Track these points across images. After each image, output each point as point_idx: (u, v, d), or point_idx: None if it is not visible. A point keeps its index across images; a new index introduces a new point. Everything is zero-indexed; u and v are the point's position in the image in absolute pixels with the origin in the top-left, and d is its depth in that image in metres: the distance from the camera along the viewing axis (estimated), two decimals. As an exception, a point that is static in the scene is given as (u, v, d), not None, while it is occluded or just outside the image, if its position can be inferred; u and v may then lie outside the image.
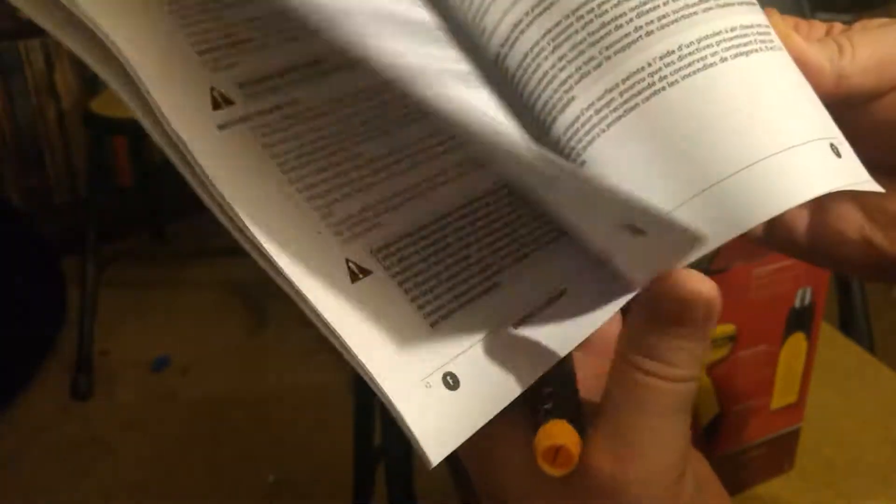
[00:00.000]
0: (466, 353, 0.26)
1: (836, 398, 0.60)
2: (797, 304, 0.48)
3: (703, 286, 0.24)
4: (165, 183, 1.89)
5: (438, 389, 0.25)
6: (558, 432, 0.24)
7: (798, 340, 0.50)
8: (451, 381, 0.25)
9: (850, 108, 0.30)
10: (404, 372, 0.24)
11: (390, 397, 0.24)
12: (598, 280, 0.28)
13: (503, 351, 0.26)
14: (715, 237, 0.25)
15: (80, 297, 1.46)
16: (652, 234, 0.24)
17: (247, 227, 0.24)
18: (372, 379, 0.24)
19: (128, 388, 1.46)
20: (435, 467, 0.26)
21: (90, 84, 1.64)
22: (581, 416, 0.26)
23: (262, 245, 0.24)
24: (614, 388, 0.25)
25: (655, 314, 0.25)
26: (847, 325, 0.83)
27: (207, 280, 1.75)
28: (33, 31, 1.70)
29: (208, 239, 1.80)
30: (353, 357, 0.24)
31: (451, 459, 0.26)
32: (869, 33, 0.30)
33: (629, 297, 0.27)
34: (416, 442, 0.24)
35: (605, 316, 0.28)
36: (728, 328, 0.46)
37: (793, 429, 0.53)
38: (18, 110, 1.71)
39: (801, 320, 0.49)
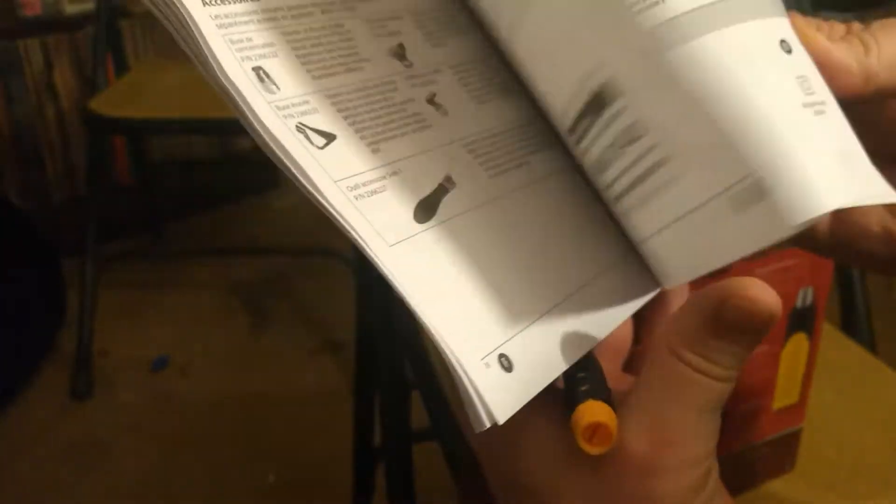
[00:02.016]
0: (520, 335, 0.27)
1: (837, 399, 0.59)
2: (798, 304, 0.48)
3: (769, 297, 0.25)
4: (165, 183, 1.89)
5: (496, 370, 0.26)
6: (598, 410, 0.25)
7: (799, 341, 0.50)
8: (505, 363, 0.26)
9: (868, 104, 0.30)
10: (470, 348, 0.26)
11: (468, 371, 0.25)
12: (628, 273, 0.30)
13: (549, 333, 0.28)
14: (763, 238, 0.27)
15: (79, 297, 1.46)
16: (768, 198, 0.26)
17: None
18: (451, 353, 0.25)
19: (127, 388, 1.45)
20: (435, 467, 0.26)
21: (89, 83, 1.64)
22: (611, 399, 0.27)
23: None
24: (655, 379, 0.26)
25: (717, 317, 0.25)
26: (849, 326, 0.82)
27: (207, 280, 1.75)
28: (32, 30, 1.70)
29: (208, 239, 1.80)
30: (431, 329, 0.25)
31: (451, 459, 0.26)
32: (892, 30, 0.30)
33: (653, 294, 0.30)
34: (484, 416, 0.25)
35: (631, 309, 0.30)
36: (729, 328, 0.46)
37: (794, 429, 0.53)
38: (18, 110, 1.71)
39: (802, 320, 0.49)
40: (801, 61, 0.29)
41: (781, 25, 0.29)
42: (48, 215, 1.72)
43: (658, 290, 0.31)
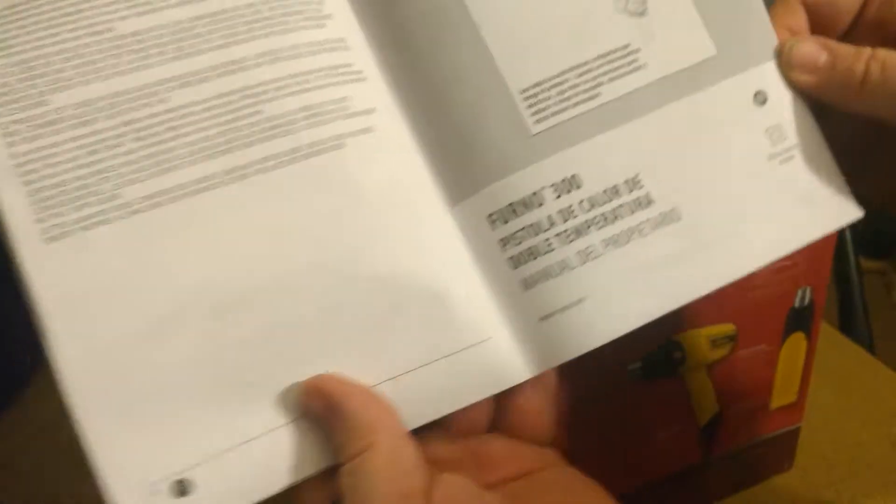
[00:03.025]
0: (215, 459, 0.27)
1: (835, 398, 0.60)
2: (797, 303, 0.48)
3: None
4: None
5: (164, 498, 0.27)
6: None
7: (798, 340, 0.50)
8: (180, 489, 0.27)
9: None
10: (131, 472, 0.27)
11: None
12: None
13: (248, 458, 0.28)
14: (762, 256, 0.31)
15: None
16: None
17: None
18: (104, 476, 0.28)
19: (127, 387, 1.45)
20: None
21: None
22: None
23: None
24: None
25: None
26: (847, 325, 0.82)
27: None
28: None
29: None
30: None
31: None
32: None
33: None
34: None
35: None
36: (728, 328, 0.46)
37: (792, 428, 0.53)
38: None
39: (800, 320, 0.49)
40: (777, 108, 0.31)
41: (762, 74, 0.31)
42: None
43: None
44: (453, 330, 0.30)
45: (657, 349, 0.44)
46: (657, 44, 0.31)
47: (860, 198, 0.32)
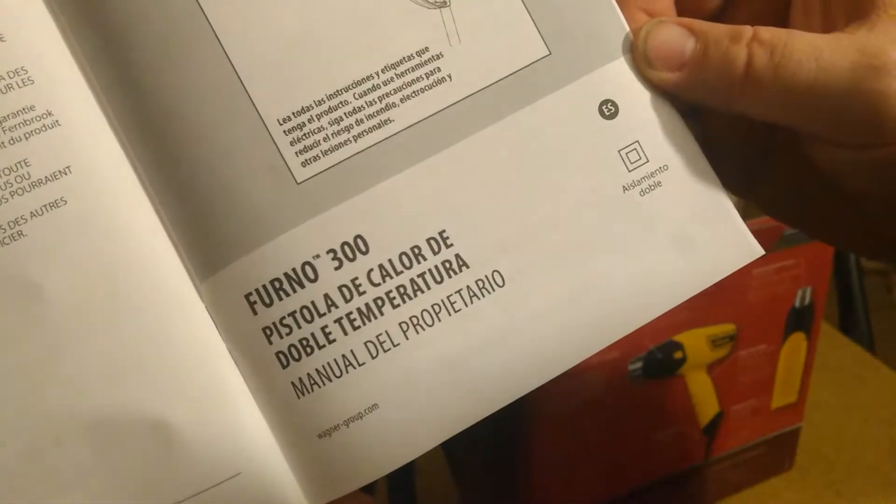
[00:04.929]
0: None
1: (836, 398, 0.60)
2: (797, 303, 0.48)
3: None
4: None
5: None
6: None
7: (798, 340, 0.50)
8: None
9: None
10: None
11: None
12: None
13: None
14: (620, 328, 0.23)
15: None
16: None
17: None
18: None
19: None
20: (435, 467, 0.24)
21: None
22: None
23: None
24: None
25: None
26: (847, 325, 0.82)
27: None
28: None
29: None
30: None
31: (451, 459, 0.25)
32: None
33: None
34: None
35: None
36: (728, 328, 0.46)
37: (793, 428, 0.53)
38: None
39: (801, 320, 0.49)
40: (633, 120, 0.24)
41: (608, 77, 0.24)
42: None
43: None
44: (178, 470, 0.22)
45: (657, 349, 0.44)
46: (465, 46, 0.23)
47: None
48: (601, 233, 0.23)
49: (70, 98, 0.22)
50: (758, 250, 0.24)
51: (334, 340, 0.22)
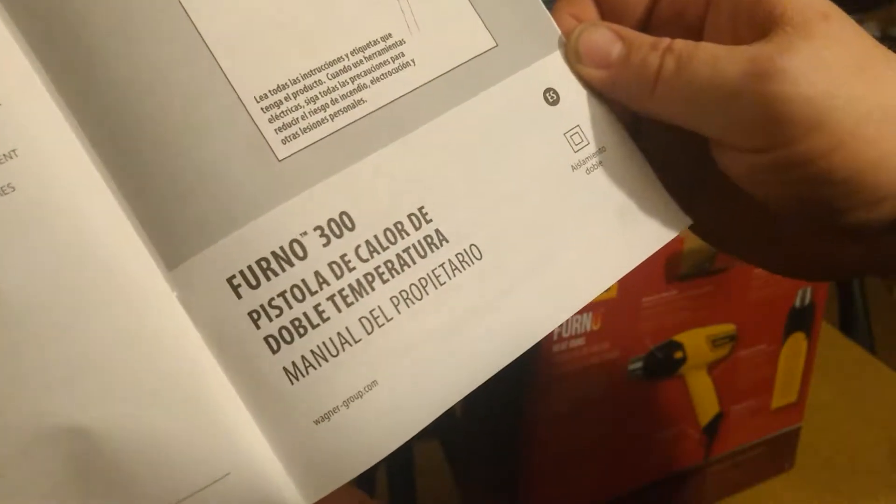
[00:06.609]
0: None
1: (836, 398, 0.60)
2: (797, 303, 0.48)
3: None
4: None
5: None
6: None
7: (798, 340, 0.50)
8: None
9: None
10: None
11: None
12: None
13: None
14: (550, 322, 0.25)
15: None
16: None
17: None
18: None
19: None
20: (435, 467, 0.24)
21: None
22: None
23: None
24: None
25: None
26: (847, 325, 0.83)
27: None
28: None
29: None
30: None
31: (451, 459, 0.25)
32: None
33: None
34: None
35: None
36: (728, 328, 0.46)
37: (793, 428, 0.53)
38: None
39: (801, 320, 0.49)
40: (573, 108, 0.26)
41: (547, 68, 0.26)
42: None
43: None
44: (160, 477, 0.21)
45: (657, 349, 0.44)
46: (424, 34, 0.24)
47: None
48: (559, 207, 0.25)
49: (8, 72, 0.21)
50: (686, 220, 0.27)
51: (328, 318, 0.22)
